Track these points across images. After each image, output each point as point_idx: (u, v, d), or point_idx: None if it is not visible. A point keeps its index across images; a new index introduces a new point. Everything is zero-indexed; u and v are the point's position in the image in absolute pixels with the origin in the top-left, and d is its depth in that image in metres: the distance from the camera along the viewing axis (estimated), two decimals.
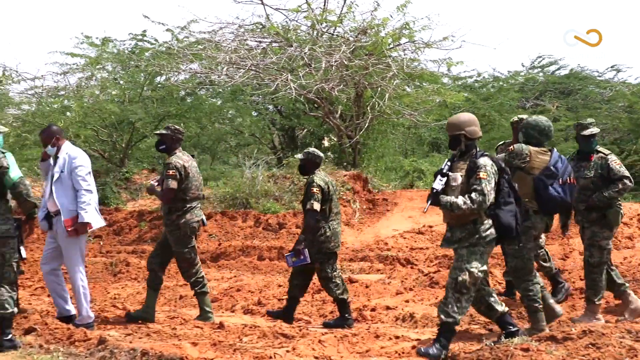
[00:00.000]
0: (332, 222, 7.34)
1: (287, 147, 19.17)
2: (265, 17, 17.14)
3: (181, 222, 7.24)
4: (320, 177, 7.32)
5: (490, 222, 5.53)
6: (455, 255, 5.65)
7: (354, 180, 15.11)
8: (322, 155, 7.57)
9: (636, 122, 19.68)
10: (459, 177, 5.55)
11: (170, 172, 7.17)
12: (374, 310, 7.91)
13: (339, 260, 11.06)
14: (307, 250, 7.23)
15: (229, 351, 5.80)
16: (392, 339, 6.36)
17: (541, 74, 26.89)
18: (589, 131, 7.06)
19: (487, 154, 5.64)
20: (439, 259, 10.67)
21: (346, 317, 7.33)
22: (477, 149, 5.67)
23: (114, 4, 52.37)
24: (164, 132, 7.41)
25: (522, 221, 5.81)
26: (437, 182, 5.56)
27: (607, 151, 7.14)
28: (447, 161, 5.71)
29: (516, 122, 7.55)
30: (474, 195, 5.40)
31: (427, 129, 20.05)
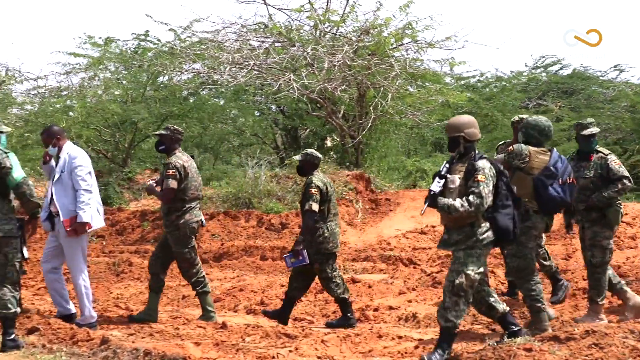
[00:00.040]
0: (330, 222, 7.35)
1: (289, 147, 19.14)
2: (268, 17, 17.17)
3: (180, 222, 7.25)
4: (318, 178, 7.33)
5: (487, 225, 5.51)
6: (452, 257, 5.65)
7: (356, 180, 15.10)
8: (320, 156, 7.60)
9: (639, 122, 19.65)
10: (457, 180, 5.53)
11: (170, 171, 7.18)
12: (376, 310, 7.91)
13: (342, 260, 11.11)
14: (305, 251, 7.24)
15: (232, 351, 5.80)
16: (394, 339, 6.36)
17: (544, 74, 26.85)
18: (589, 131, 7.04)
19: (485, 156, 5.63)
20: (441, 259, 10.65)
21: (349, 316, 7.33)
22: (476, 151, 5.65)
23: (117, 3, 52.42)
24: (163, 132, 7.43)
25: (522, 221, 5.81)
26: (435, 184, 5.55)
27: (606, 151, 7.12)
28: (445, 163, 5.69)
29: (517, 122, 7.53)
30: (471, 197, 5.38)
31: (429, 129, 20.01)
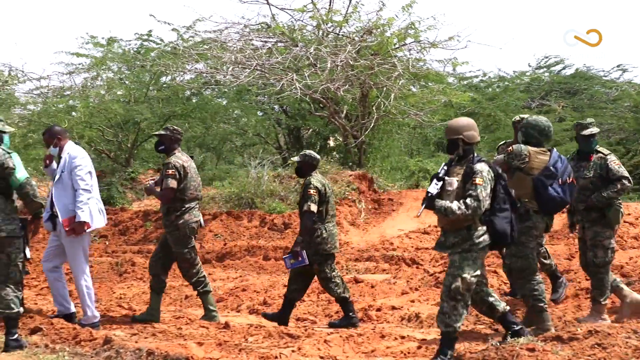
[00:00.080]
0: (328, 223, 7.36)
1: (292, 147, 19.13)
2: (270, 17, 17.17)
3: (180, 222, 7.26)
4: (317, 179, 7.34)
5: (484, 228, 5.48)
6: (448, 261, 5.63)
7: (359, 180, 15.10)
8: (318, 157, 7.62)
9: None
10: (455, 182, 5.51)
11: (169, 171, 7.20)
12: (379, 310, 7.91)
13: (344, 260, 11.11)
14: (304, 251, 7.24)
15: (235, 351, 5.80)
16: (397, 339, 6.36)
17: (547, 74, 26.81)
18: (589, 131, 7.02)
19: (484, 159, 5.60)
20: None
21: (351, 316, 7.33)
22: (474, 154, 5.62)
23: (120, 3, 52.50)
24: (163, 132, 7.45)
25: (522, 222, 5.79)
26: (433, 186, 5.53)
27: (606, 151, 7.10)
28: (443, 165, 5.67)
29: (517, 122, 7.51)
30: (468, 200, 5.36)
31: (432, 129, 19.99)
